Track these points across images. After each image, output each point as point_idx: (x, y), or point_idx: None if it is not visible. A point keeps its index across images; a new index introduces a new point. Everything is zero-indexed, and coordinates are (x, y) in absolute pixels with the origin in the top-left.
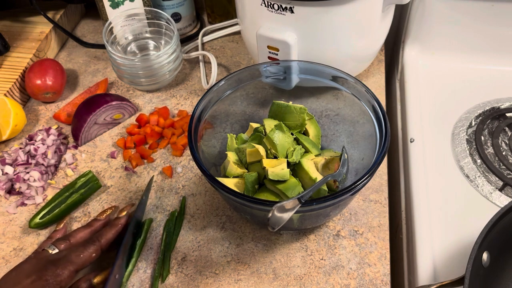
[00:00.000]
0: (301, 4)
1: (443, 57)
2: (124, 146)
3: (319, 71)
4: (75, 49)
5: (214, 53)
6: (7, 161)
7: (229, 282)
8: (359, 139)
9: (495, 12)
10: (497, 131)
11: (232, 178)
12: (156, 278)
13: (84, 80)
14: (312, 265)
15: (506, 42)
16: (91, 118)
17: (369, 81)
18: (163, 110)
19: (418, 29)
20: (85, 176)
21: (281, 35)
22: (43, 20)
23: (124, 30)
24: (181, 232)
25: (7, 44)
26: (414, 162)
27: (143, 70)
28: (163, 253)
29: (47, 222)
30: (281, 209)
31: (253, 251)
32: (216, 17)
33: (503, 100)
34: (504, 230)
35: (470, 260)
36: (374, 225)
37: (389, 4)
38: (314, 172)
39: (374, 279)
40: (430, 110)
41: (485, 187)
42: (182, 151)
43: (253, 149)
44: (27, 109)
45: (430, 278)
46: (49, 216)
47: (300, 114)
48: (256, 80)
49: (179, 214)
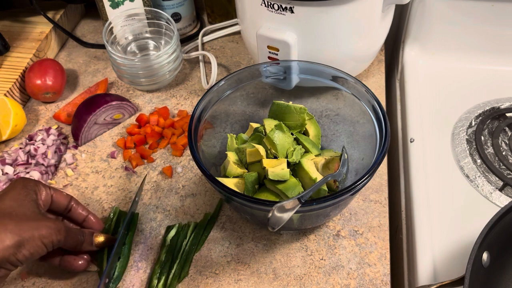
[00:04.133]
0: (301, 4)
1: (443, 57)
2: (124, 146)
3: (319, 71)
4: (75, 49)
5: (214, 53)
6: (7, 161)
7: (229, 282)
8: (359, 139)
9: (495, 12)
10: (497, 131)
11: (232, 178)
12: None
13: (84, 80)
14: (312, 265)
15: (506, 42)
16: (91, 118)
17: (369, 81)
18: (163, 110)
19: (418, 29)
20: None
21: (281, 35)
22: (43, 20)
23: (124, 30)
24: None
25: (7, 44)
26: (414, 162)
27: (143, 70)
28: (187, 254)
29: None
30: (281, 209)
31: (253, 251)
32: (216, 17)
33: (503, 100)
34: (504, 230)
35: (470, 260)
36: (374, 225)
37: (389, 4)
38: (314, 172)
39: (374, 279)
40: (430, 110)
41: (485, 187)
42: (182, 151)
43: (253, 149)
44: (27, 109)
45: (430, 278)
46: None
47: (300, 114)
48: (256, 80)
49: (212, 217)
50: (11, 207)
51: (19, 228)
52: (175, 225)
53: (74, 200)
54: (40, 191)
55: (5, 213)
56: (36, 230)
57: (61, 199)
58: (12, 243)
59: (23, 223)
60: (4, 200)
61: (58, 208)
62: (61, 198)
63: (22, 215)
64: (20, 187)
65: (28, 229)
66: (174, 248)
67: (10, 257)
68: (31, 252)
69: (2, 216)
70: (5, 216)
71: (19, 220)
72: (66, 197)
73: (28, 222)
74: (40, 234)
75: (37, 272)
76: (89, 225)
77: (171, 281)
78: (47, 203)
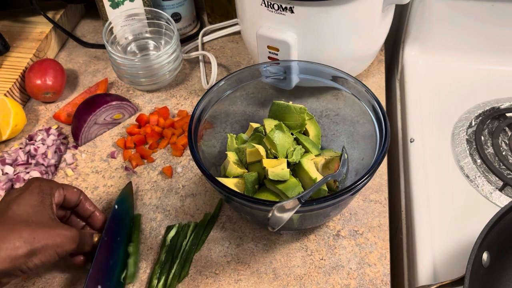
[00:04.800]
0: (301, 4)
1: (443, 57)
2: (124, 146)
3: (319, 71)
4: (75, 49)
5: (214, 53)
6: (7, 161)
7: (229, 282)
8: (359, 139)
9: (495, 12)
10: (497, 131)
11: (232, 178)
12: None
13: (84, 80)
14: (312, 265)
15: (506, 42)
16: (91, 118)
17: (369, 81)
18: (163, 110)
19: (418, 29)
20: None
21: (281, 35)
22: (43, 20)
23: (124, 30)
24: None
25: (7, 44)
26: (414, 162)
27: (143, 70)
28: (187, 254)
29: None
30: (281, 209)
31: (253, 251)
32: (216, 17)
33: (503, 100)
34: (504, 230)
35: (470, 260)
36: (374, 225)
37: (389, 4)
38: (314, 172)
39: (374, 279)
40: (430, 110)
41: (485, 187)
42: (182, 151)
43: (253, 149)
44: (27, 109)
45: (430, 278)
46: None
47: (300, 114)
48: (256, 80)
49: (212, 217)
50: (27, 214)
51: (33, 236)
52: (175, 225)
53: (83, 195)
54: (54, 194)
55: (21, 219)
56: (51, 239)
57: (72, 197)
58: (25, 252)
59: (39, 232)
60: (20, 205)
61: (68, 205)
62: (72, 195)
63: (38, 222)
64: (36, 191)
65: (43, 239)
66: (174, 248)
67: (21, 265)
68: (42, 261)
69: (18, 223)
70: (21, 222)
71: (35, 227)
72: (76, 193)
73: (43, 230)
74: (55, 244)
75: (37, 272)
76: (93, 221)
77: (171, 281)
78: (60, 203)
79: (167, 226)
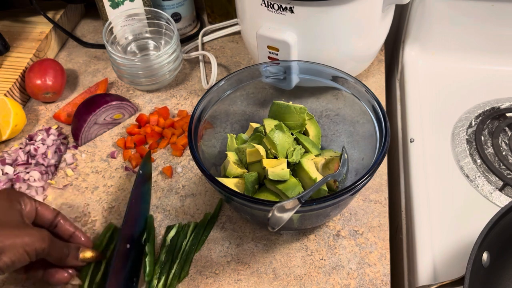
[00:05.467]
0: (301, 4)
1: (443, 57)
2: (124, 146)
3: (319, 71)
4: (75, 49)
5: (214, 53)
6: (7, 161)
7: (229, 282)
8: (359, 139)
9: (495, 12)
10: (497, 131)
11: (232, 178)
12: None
13: (84, 80)
14: (312, 265)
15: (506, 42)
16: (91, 118)
17: (369, 81)
18: (163, 110)
19: (418, 29)
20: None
21: (281, 35)
22: (43, 20)
23: (124, 30)
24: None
25: (7, 44)
26: (414, 162)
27: (143, 70)
28: (187, 254)
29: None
30: (281, 209)
31: (253, 251)
32: (216, 17)
33: (503, 100)
34: (504, 230)
35: (470, 260)
36: (374, 225)
37: (389, 4)
38: (314, 172)
39: (374, 279)
40: (430, 110)
41: (485, 187)
42: (182, 151)
43: (253, 149)
44: (27, 109)
45: (430, 278)
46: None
47: (300, 114)
48: (256, 80)
49: (212, 217)
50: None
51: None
52: (175, 225)
53: (61, 216)
54: (24, 203)
55: None
56: (19, 238)
57: (46, 213)
58: None
59: (6, 231)
60: None
61: (43, 222)
62: (46, 212)
63: (5, 223)
64: (3, 197)
65: (10, 237)
66: (174, 248)
67: None
68: (12, 259)
69: None
70: None
71: (1, 228)
72: (52, 211)
73: (10, 230)
74: (23, 242)
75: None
76: (76, 242)
77: (171, 281)
78: (31, 216)
79: (167, 226)
